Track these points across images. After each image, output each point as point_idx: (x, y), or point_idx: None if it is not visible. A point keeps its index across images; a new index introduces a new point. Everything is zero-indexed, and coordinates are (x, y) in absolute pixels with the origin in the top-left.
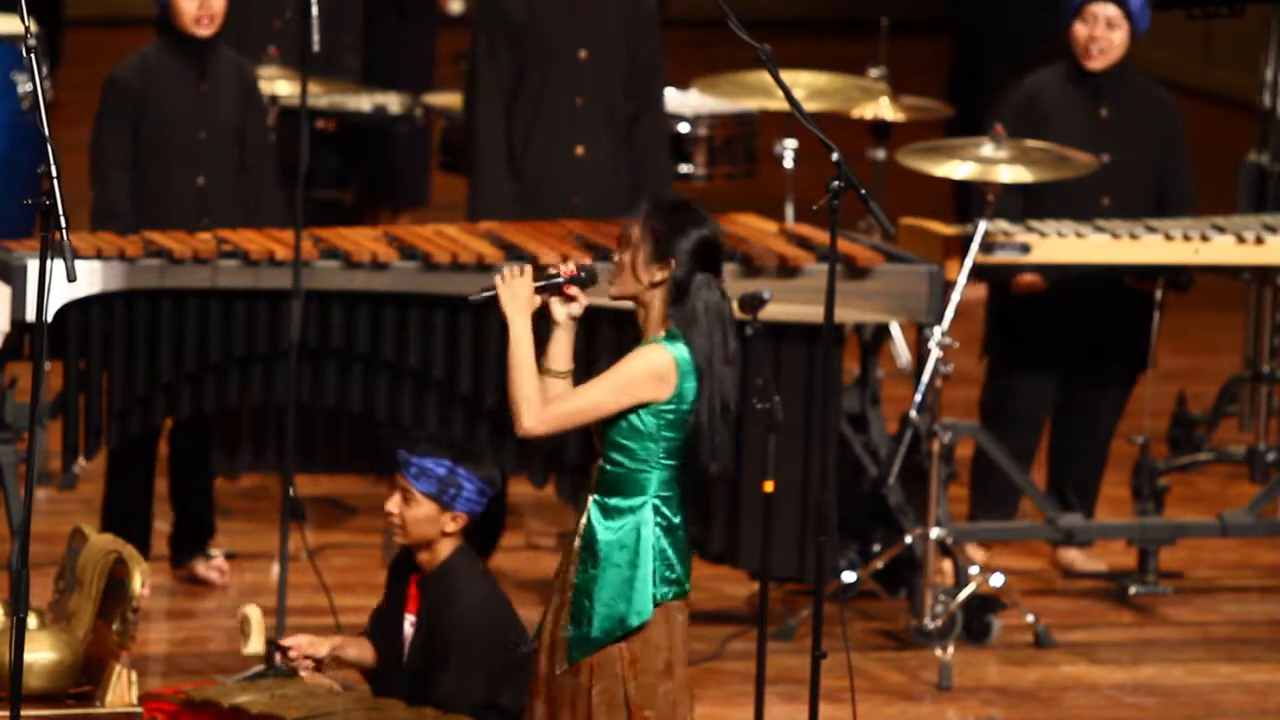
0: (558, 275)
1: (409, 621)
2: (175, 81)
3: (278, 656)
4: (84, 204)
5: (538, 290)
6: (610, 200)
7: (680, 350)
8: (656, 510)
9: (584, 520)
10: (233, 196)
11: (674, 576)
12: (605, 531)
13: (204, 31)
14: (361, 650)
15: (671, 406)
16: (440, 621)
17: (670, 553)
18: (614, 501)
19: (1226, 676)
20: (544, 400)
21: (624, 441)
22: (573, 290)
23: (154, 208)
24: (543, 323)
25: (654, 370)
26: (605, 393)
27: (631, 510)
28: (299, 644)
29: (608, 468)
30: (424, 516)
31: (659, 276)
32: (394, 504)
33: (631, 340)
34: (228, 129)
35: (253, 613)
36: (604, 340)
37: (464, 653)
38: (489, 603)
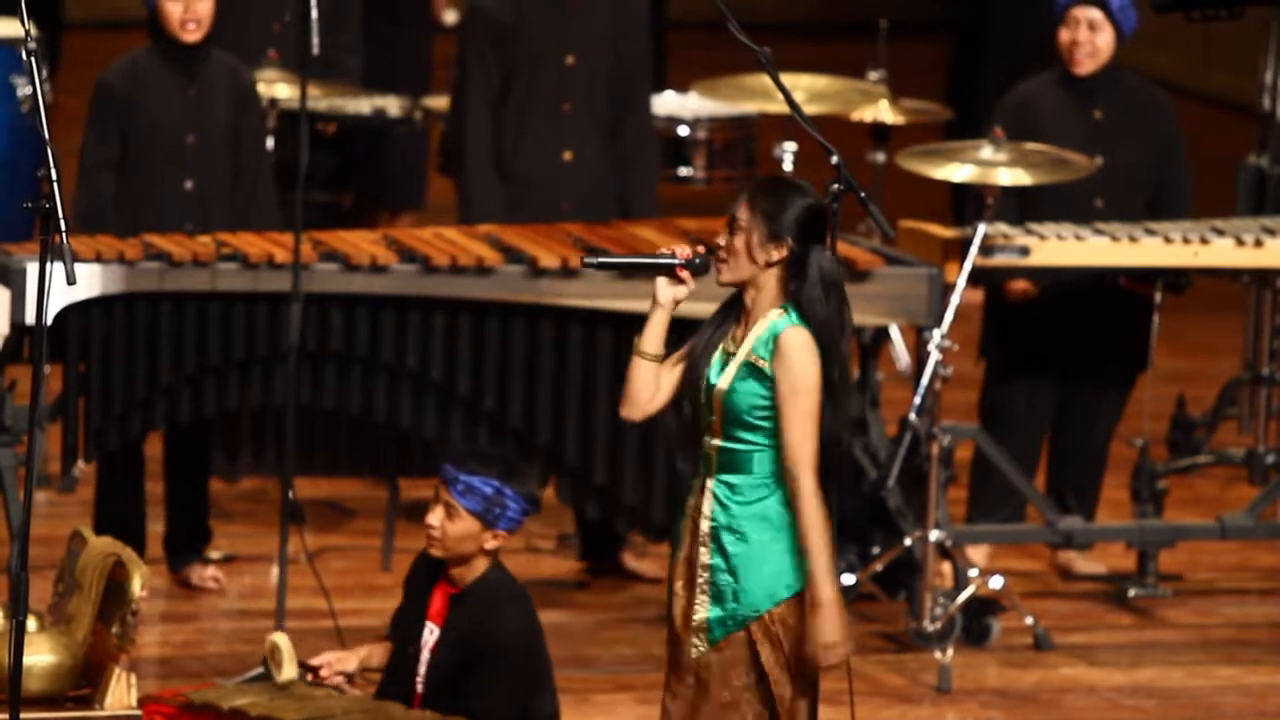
0: (673, 255)
1: (429, 630)
2: (164, 85)
3: (308, 677)
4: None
5: (651, 266)
6: (599, 205)
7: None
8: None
9: (708, 504)
10: (224, 201)
11: None
12: (742, 509)
13: (189, 36)
14: (385, 657)
15: None
16: (481, 645)
17: None
18: (742, 479)
19: (1226, 679)
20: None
21: (758, 421)
22: (684, 274)
23: (141, 212)
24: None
25: (814, 350)
26: (813, 399)
27: (765, 485)
28: (328, 662)
29: (736, 447)
30: (466, 533)
31: (775, 257)
32: (436, 518)
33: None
34: (219, 133)
35: (282, 641)
36: (604, 345)
37: (506, 677)
38: (527, 622)
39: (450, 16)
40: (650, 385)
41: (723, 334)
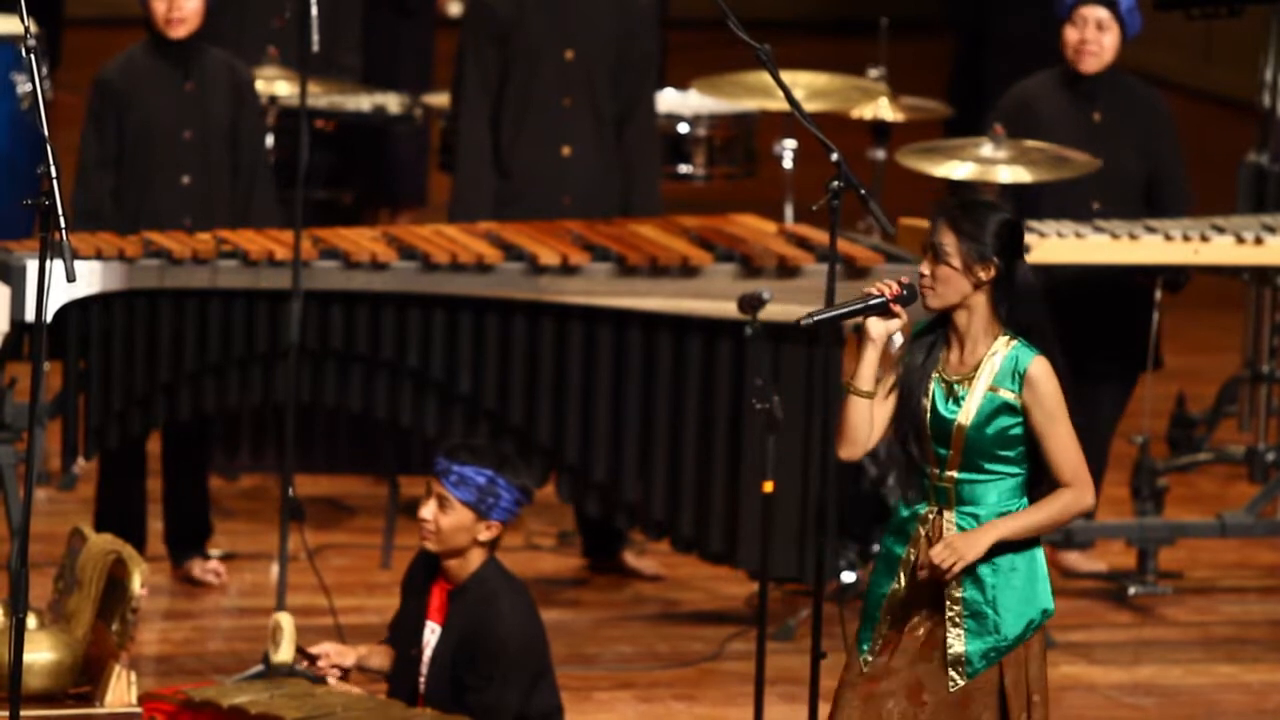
0: (881, 296)
1: (430, 629)
2: (158, 82)
3: (304, 665)
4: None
5: (865, 310)
6: (599, 200)
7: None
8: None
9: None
10: (221, 196)
11: None
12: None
13: (176, 33)
14: (384, 659)
15: None
16: (481, 639)
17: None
18: (986, 509)
19: (1225, 676)
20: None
21: (1004, 452)
22: (896, 308)
23: (140, 208)
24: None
25: (1054, 373)
26: (1067, 419)
27: (1009, 511)
28: (327, 653)
29: (979, 478)
30: (460, 525)
31: (984, 278)
32: (429, 511)
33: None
34: (216, 129)
35: (285, 621)
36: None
37: (507, 670)
38: (527, 615)
39: (454, 9)
40: (868, 423)
41: (934, 361)
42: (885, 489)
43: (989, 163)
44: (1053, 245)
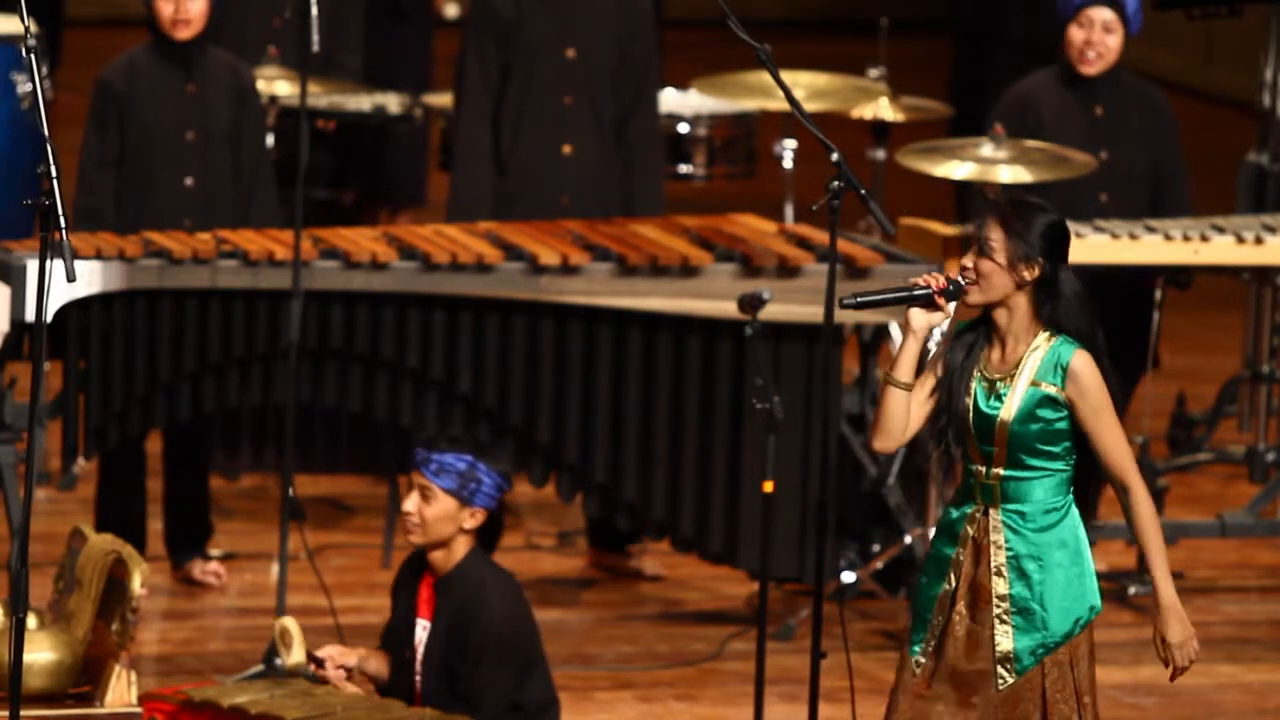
0: (927, 287)
1: (421, 626)
2: (161, 83)
3: (312, 667)
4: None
5: (909, 299)
6: (600, 200)
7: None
8: (1075, 505)
9: (999, 535)
10: (224, 198)
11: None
12: (1039, 535)
13: (181, 34)
14: (379, 665)
15: None
16: (469, 625)
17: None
18: (1031, 506)
19: (1226, 676)
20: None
21: (1048, 448)
22: (941, 301)
23: (142, 209)
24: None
25: (1097, 368)
26: (1113, 412)
27: (1057, 509)
28: (331, 655)
29: (1023, 475)
30: (444, 514)
31: (1028, 276)
32: (412, 503)
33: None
34: (218, 130)
35: (292, 625)
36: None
37: (496, 655)
38: (514, 602)
39: (451, 10)
40: (904, 415)
41: (974, 360)
42: (885, 489)
43: (989, 163)
44: None
